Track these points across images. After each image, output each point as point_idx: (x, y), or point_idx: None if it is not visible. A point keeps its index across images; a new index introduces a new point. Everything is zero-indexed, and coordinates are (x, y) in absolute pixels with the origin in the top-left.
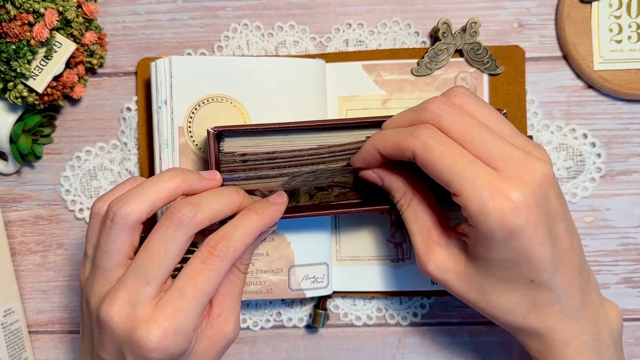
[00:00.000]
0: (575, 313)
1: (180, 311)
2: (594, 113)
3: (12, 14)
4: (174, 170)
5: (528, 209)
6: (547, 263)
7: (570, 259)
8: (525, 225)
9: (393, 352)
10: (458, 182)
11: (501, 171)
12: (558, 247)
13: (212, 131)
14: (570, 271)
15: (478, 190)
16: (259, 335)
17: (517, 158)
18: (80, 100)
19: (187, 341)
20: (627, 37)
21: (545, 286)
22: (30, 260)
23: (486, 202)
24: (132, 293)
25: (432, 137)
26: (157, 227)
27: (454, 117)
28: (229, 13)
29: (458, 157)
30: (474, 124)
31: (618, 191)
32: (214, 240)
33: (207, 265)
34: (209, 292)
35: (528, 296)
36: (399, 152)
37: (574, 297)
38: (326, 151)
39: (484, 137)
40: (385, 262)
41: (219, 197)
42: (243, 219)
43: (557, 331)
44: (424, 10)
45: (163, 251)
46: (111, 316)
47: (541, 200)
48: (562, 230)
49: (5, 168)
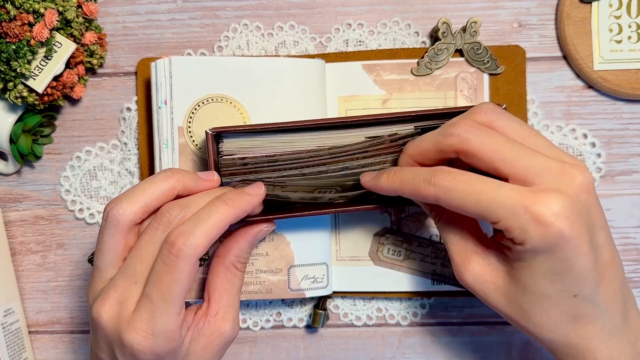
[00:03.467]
0: (617, 331)
1: (154, 314)
2: (594, 113)
3: (12, 14)
4: (169, 171)
5: (568, 218)
6: (589, 275)
7: (611, 272)
8: (569, 235)
9: (393, 352)
10: (490, 211)
11: (538, 185)
12: (600, 259)
13: (210, 132)
14: (612, 285)
15: (512, 210)
16: (259, 335)
17: (553, 169)
18: (80, 100)
19: (172, 340)
20: (627, 37)
21: (588, 300)
22: (30, 260)
23: (524, 219)
24: (121, 293)
25: (449, 180)
26: (147, 229)
27: (481, 138)
28: (229, 13)
29: (481, 188)
30: (504, 142)
31: (618, 191)
32: (172, 237)
33: (167, 267)
34: (177, 292)
35: (570, 312)
36: (420, 199)
37: (615, 313)
38: (326, 152)
39: (516, 154)
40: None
41: (210, 199)
42: (208, 209)
43: (599, 350)
44: (424, 10)
45: (151, 252)
46: (101, 315)
47: (582, 209)
48: (603, 240)
49: (5, 168)
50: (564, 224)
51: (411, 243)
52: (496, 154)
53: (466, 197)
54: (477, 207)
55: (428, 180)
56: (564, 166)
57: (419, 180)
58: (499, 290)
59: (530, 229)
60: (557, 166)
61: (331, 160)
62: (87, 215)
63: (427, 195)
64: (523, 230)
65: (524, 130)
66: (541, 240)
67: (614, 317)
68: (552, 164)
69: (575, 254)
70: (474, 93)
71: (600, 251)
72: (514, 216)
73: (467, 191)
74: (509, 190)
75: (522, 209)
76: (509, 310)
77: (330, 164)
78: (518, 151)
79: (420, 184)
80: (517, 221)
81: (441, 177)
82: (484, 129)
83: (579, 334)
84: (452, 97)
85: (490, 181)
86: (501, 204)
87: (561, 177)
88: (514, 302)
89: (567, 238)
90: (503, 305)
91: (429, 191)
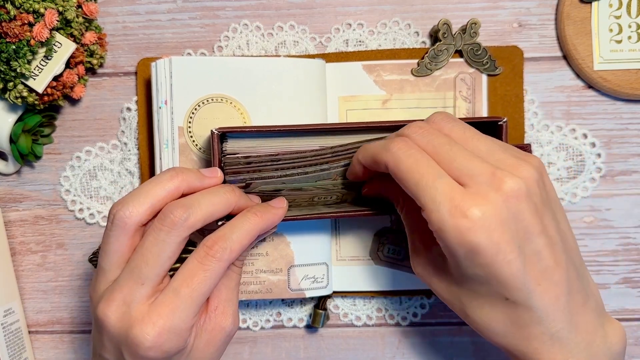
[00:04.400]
0: (561, 335)
1: (176, 310)
2: (594, 113)
3: (12, 14)
4: (173, 170)
5: (488, 226)
6: (518, 282)
7: (552, 278)
8: (487, 243)
9: (393, 352)
10: (422, 196)
11: (468, 187)
12: (534, 265)
13: (216, 132)
14: (552, 290)
15: (438, 206)
16: (259, 335)
17: (484, 174)
18: (80, 100)
19: (182, 340)
20: (627, 37)
21: (523, 305)
22: (30, 260)
23: (445, 218)
24: (127, 294)
25: (402, 149)
26: (151, 229)
27: (426, 138)
28: (229, 13)
29: (424, 171)
30: (445, 143)
31: (618, 191)
32: (211, 241)
33: (203, 265)
34: (204, 292)
35: (506, 313)
36: (375, 164)
37: (557, 319)
38: (329, 152)
39: (453, 155)
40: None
41: (212, 198)
42: (242, 220)
43: (540, 353)
44: (424, 10)
45: (156, 253)
46: (108, 315)
47: (507, 217)
48: (540, 246)
49: (5, 168)
50: (479, 232)
51: None
52: (437, 154)
53: (408, 175)
54: (415, 187)
55: (386, 144)
56: (495, 171)
57: (379, 147)
58: (442, 285)
59: (448, 230)
60: (489, 171)
61: (334, 158)
62: (87, 215)
63: (380, 159)
64: (440, 229)
65: (467, 135)
66: (457, 244)
67: (557, 323)
68: (485, 169)
69: (497, 262)
70: (473, 94)
71: (535, 258)
72: (437, 211)
73: (412, 168)
74: (445, 184)
75: (445, 207)
76: (452, 304)
77: (333, 162)
78: (454, 153)
79: (378, 149)
80: (437, 217)
81: (397, 144)
82: (430, 129)
83: (517, 336)
84: (451, 97)
85: (435, 168)
86: (432, 195)
87: (490, 183)
88: (455, 296)
89: (484, 246)
90: (447, 299)
91: (382, 156)
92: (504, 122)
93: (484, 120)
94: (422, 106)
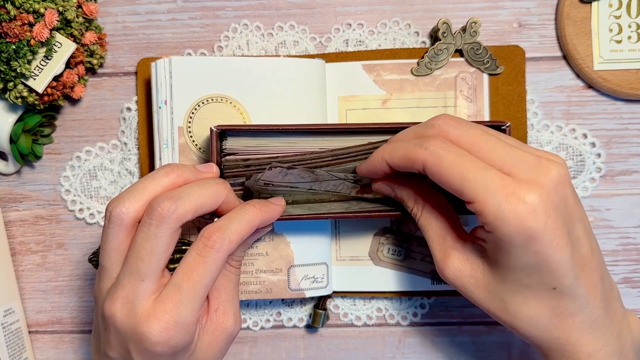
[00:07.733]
0: (598, 324)
1: (179, 305)
2: (594, 113)
3: (12, 14)
4: (169, 166)
5: (546, 211)
6: (567, 268)
7: (591, 265)
8: (544, 228)
9: (393, 352)
10: (471, 188)
11: (515, 176)
12: (578, 252)
13: (215, 129)
14: (592, 278)
15: (492, 195)
16: (259, 335)
17: (529, 162)
18: (80, 100)
19: (189, 334)
20: (627, 37)
21: (568, 294)
22: (30, 260)
23: (502, 206)
24: (130, 291)
25: (442, 147)
26: (141, 225)
27: (461, 129)
28: (229, 13)
29: (469, 165)
30: (482, 133)
31: (618, 191)
32: (209, 232)
33: (202, 258)
34: (206, 283)
35: (550, 305)
36: (409, 163)
37: (596, 306)
38: (329, 154)
39: (493, 145)
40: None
41: (201, 189)
42: (240, 211)
43: (580, 343)
44: (424, 10)
45: (149, 249)
46: (114, 313)
47: (559, 202)
48: (581, 233)
49: (5, 168)
50: (539, 217)
51: (411, 243)
52: (474, 145)
53: (453, 169)
54: (460, 181)
55: (421, 143)
56: (539, 159)
57: (410, 145)
58: (479, 284)
59: (505, 218)
60: (533, 159)
61: (333, 162)
62: (87, 215)
63: (416, 158)
64: (497, 218)
65: (494, 131)
66: (515, 231)
67: (595, 310)
68: (528, 156)
69: (551, 247)
70: (474, 93)
71: (578, 244)
72: (492, 200)
73: (457, 162)
74: (494, 174)
75: (501, 195)
76: (490, 303)
77: (333, 166)
78: (494, 143)
79: (412, 147)
80: (493, 206)
81: (434, 142)
82: (462, 121)
83: (559, 327)
84: (452, 97)
85: (478, 161)
86: (482, 185)
87: (537, 169)
88: (494, 294)
89: (542, 232)
90: (484, 298)
91: (419, 154)
92: (507, 127)
93: (486, 124)
94: (422, 105)
